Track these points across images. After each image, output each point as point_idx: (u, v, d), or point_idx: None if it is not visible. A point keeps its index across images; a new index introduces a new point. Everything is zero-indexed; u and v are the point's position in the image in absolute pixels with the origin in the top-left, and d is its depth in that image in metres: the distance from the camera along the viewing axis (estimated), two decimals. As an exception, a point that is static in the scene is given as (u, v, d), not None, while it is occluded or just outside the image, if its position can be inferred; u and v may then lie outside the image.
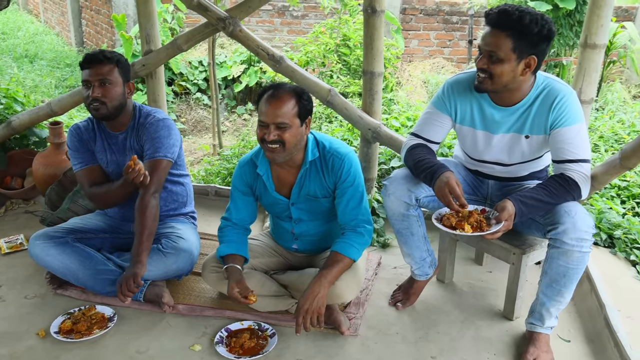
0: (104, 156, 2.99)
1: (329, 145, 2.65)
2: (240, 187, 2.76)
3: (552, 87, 2.45)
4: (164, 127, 2.92)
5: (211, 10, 3.63)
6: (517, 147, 2.57)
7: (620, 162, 2.48)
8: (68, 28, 11.50)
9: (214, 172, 5.02)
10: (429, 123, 2.67)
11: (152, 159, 2.86)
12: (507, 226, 2.30)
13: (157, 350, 2.56)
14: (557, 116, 2.41)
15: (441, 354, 2.56)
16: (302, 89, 2.55)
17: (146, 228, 2.74)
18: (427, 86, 8.09)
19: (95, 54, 2.82)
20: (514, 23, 2.29)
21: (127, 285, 2.61)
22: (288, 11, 9.25)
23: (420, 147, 2.62)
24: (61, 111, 4.12)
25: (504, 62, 2.34)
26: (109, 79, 2.80)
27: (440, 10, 9.03)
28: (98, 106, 2.80)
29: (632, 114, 5.92)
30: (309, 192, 2.67)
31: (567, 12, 5.90)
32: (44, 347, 2.57)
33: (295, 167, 2.66)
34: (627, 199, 3.98)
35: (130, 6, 8.84)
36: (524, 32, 2.29)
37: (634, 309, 2.91)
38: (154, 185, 2.81)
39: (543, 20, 2.30)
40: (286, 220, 2.80)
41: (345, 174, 2.61)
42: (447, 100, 2.63)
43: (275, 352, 2.53)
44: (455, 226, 2.37)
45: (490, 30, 2.37)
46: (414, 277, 2.90)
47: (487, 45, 2.36)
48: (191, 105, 7.96)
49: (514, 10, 2.30)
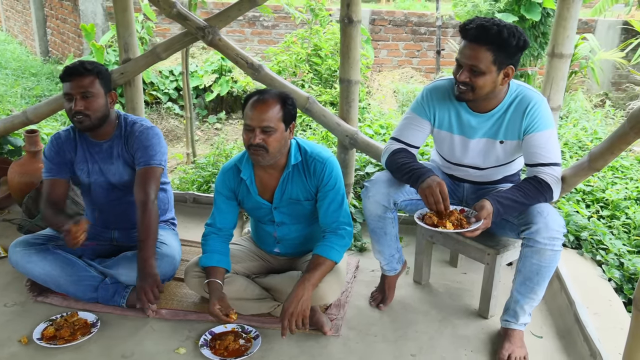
0: (85, 166, 2.99)
1: (310, 150, 2.73)
2: (224, 192, 2.82)
3: (524, 94, 2.56)
4: (155, 135, 2.95)
5: (190, 19, 3.68)
6: (492, 152, 2.68)
7: (589, 164, 2.60)
8: (32, 37, 11.37)
9: (189, 180, 5.05)
10: (409, 128, 2.75)
11: (147, 167, 2.89)
12: (486, 224, 2.40)
13: (141, 355, 2.58)
14: (530, 122, 2.53)
15: (420, 352, 2.65)
16: (287, 95, 2.62)
17: (151, 235, 2.78)
18: (396, 95, 8.23)
19: (75, 66, 2.80)
20: (494, 37, 2.38)
21: (151, 292, 2.67)
22: (259, 21, 9.32)
23: (403, 151, 2.71)
24: (37, 119, 4.13)
25: (486, 74, 2.44)
26: (91, 91, 2.79)
27: (408, 21, 9.19)
28: (82, 119, 2.80)
29: (594, 122, 6.13)
30: (291, 196, 2.74)
31: (533, 23, 6.08)
32: (27, 354, 2.57)
33: (278, 171, 2.73)
34: (591, 203, 4.14)
35: (98, 15, 8.81)
36: (503, 45, 2.38)
37: (601, 306, 3.04)
38: (152, 192, 2.86)
39: (518, 32, 2.41)
40: (268, 223, 2.86)
41: (327, 178, 2.69)
42: (426, 105, 2.72)
43: (259, 353, 2.58)
44: (437, 224, 2.45)
45: (468, 44, 2.44)
46: (384, 274, 3.00)
47: (468, 59, 2.44)
48: (162, 115, 7.95)
49: (492, 25, 2.38)
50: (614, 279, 3.32)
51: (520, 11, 6.00)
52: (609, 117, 6.96)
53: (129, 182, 2.98)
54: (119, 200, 3.04)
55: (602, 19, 8.93)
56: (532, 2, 5.94)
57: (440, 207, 2.42)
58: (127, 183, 2.99)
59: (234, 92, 8.07)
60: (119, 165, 2.96)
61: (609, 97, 8.66)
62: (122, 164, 2.96)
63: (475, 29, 2.40)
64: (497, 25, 2.38)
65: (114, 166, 2.95)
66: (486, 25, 2.39)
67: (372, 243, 2.93)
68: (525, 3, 5.95)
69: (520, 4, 6.00)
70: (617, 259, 3.46)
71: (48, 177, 2.98)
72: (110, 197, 3.03)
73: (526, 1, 5.95)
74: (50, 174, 2.98)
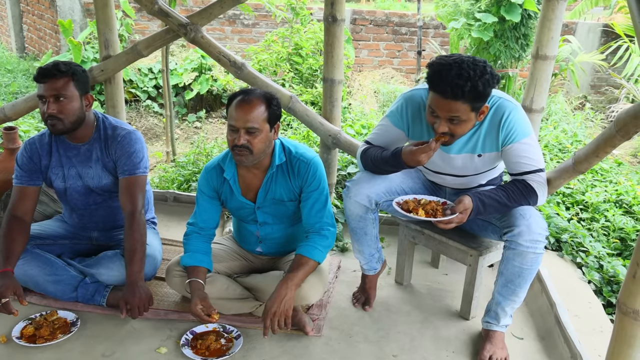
0: (60, 171, 2.92)
1: (295, 150, 2.72)
2: (207, 191, 2.80)
3: (498, 104, 2.51)
4: (137, 141, 2.89)
5: (172, 16, 3.65)
6: (470, 165, 2.67)
7: (574, 166, 2.62)
8: (8, 33, 11.21)
9: (169, 179, 5.01)
10: (383, 135, 2.75)
11: (132, 176, 2.84)
12: (461, 219, 2.41)
13: (122, 354, 2.56)
14: (507, 134, 2.49)
15: (402, 352, 2.65)
16: (272, 95, 2.60)
17: (140, 247, 2.73)
18: (377, 95, 8.25)
19: (48, 67, 2.70)
20: (470, 93, 2.29)
21: (142, 307, 2.64)
22: (239, 19, 9.27)
23: (374, 147, 2.73)
24: (15, 116, 4.06)
25: (466, 121, 2.39)
26: (64, 94, 2.69)
27: (389, 21, 9.21)
28: (54, 122, 2.71)
29: (575, 124, 6.20)
30: (274, 196, 2.73)
31: (513, 25, 6.10)
32: (6, 353, 2.54)
33: (262, 171, 2.71)
34: (571, 205, 4.19)
35: (76, 11, 8.71)
36: (479, 97, 2.32)
37: (581, 308, 3.07)
38: (140, 202, 2.82)
39: (489, 74, 2.31)
40: (251, 223, 2.85)
41: (311, 178, 2.68)
42: (401, 116, 2.69)
43: (241, 353, 2.57)
44: (410, 210, 2.46)
45: (442, 99, 2.34)
46: (363, 272, 3.00)
47: (447, 113, 2.36)
48: (141, 113, 7.89)
49: (466, 81, 2.26)
50: (594, 281, 3.36)
51: (501, 12, 6.02)
52: (589, 120, 7.04)
53: (107, 187, 2.94)
54: (97, 205, 3.00)
55: (582, 21, 9.01)
56: (513, 3, 5.95)
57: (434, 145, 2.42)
58: (105, 187, 2.94)
59: (214, 90, 8.03)
60: (98, 169, 2.90)
61: (588, 100, 8.76)
62: (101, 168, 2.89)
63: (451, 89, 2.28)
64: (470, 79, 2.26)
65: (92, 170, 2.89)
66: (460, 83, 2.26)
67: (352, 242, 2.93)
68: (506, 4, 5.97)
69: (501, 4, 6.02)
70: (597, 262, 3.50)
71: (17, 184, 2.87)
72: (88, 201, 2.98)
73: (507, 2, 5.97)
74: (19, 181, 2.87)
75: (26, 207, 2.85)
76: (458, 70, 2.27)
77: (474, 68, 2.28)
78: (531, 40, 6.14)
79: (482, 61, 2.33)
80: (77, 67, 2.78)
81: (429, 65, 2.38)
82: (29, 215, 2.85)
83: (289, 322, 2.53)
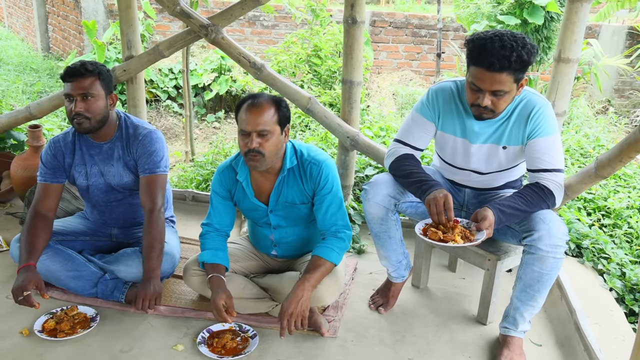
0: (83, 169, 2.96)
1: (307, 153, 2.71)
2: (220, 192, 2.81)
3: (528, 99, 2.53)
4: (158, 140, 2.93)
5: (193, 17, 3.67)
6: (494, 157, 2.66)
7: (596, 171, 2.59)
8: (34, 33, 11.38)
9: (187, 178, 5.03)
10: (413, 130, 2.73)
11: (153, 174, 2.88)
12: (489, 234, 2.39)
13: (140, 350, 2.58)
14: (533, 127, 2.50)
15: (418, 356, 2.64)
16: (280, 98, 2.61)
17: (158, 245, 2.79)
18: (395, 98, 8.22)
19: (76, 67, 2.75)
20: (516, 63, 2.31)
21: (149, 302, 2.69)
22: (259, 21, 9.31)
23: (410, 158, 2.68)
24: (40, 115, 4.14)
25: (509, 93, 2.40)
26: (91, 93, 2.75)
27: (409, 24, 9.18)
28: (81, 120, 2.76)
29: (597, 129, 6.12)
30: (287, 199, 2.73)
31: (535, 27, 6.04)
32: (28, 345, 2.59)
33: (274, 175, 2.71)
34: (592, 211, 4.13)
35: (100, 13, 8.80)
36: (523, 67, 2.34)
37: (602, 316, 3.03)
38: (160, 200, 2.86)
39: (531, 45, 2.34)
40: (265, 226, 2.86)
41: (323, 181, 2.67)
42: (431, 107, 2.69)
43: (256, 352, 2.57)
44: (444, 239, 2.42)
45: (487, 72, 2.35)
46: (390, 280, 2.98)
47: (491, 86, 2.37)
48: (161, 113, 7.94)
49: (510, 52, 2.29)
50: (616, 288, 3.30)
51: (523, 14, 5.95)
52: (612, 124, 6.94)
53: (128, 185, 2.98)
54: (118, 202, 3.04)
55: (606, 24, 8.88)
56: (536, 5, 5.89)
57: (442, 219, 2.40)
58: (126, 185, 2.98)
59: (233, 91, 8.07)
60: (119, 167, 2.94)
61: (612, 104, 8.64)
62: (122, 167, 2.94)
63: (497, 59, 2.30)
64: (514, 50, 2.29)
65: (114, 168, 2.93)
66: (505, 54, 2.29)
67: (377, 249, 2.90)
68: (529, 6, 5.90)
69: (524, 7, 5.96)
70: (619, 269, 3.44)
71: (42, 181, 2.94)
72: (109, 198, 3.02)
73: (529, 4, 5.90)
74: (43, 178, 2.93)
75: (50, 204, 2.90)
76: (501, 43, 2.31)
77: (515, 40, 2.32)
78: (553, 43, 6.09)
79: (519, 33, 2.37)
80: (102, 67, 2.83)
81: (468, 42, 2.41)
82: (52, 212, 2.90)
83: (305, 323, 2.53)
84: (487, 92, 2.39)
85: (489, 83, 2.37)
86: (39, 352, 2.54)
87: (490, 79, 2.36)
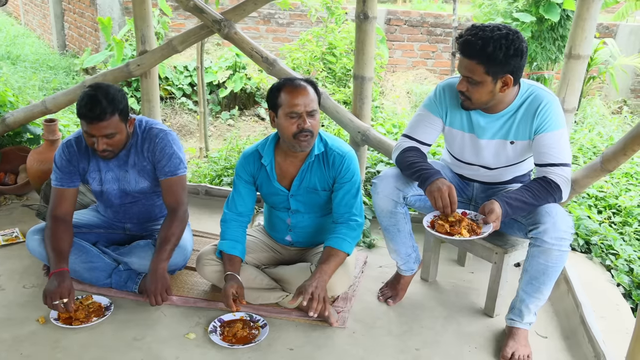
0: (98, 175, 2.97)
1: (331, 143, 2.79)
2: (244, 176, 2.88)
3: (536, 94, 2.56)
4: (174, 142, 2.93)
5: (207, 12, 3.73)
6: (502, 152, 2.69)
7: (602, 165, 2.60)
8: (50, 31, 11.50)
9: (201, 173, 5.09)
10: (421, 125, 2.77)
11: (175, 176, 2.92)
12: (496, 227, 2.43)
13: (153, 338, 2.64)
14: (540, 122, 2.53)
15: (425, 346, 2.67)
16: (313, 80, 2.70)
17: (172, 241, 2.84)
18: (410, 96, 8.24)
19: (94, 109, 2.63)
20: (479, 52, 2.38)
21: (161, 295, 2.75)
22: (274, 18, 9.36)
23: (414, 150, 2.73)
24: (55, 109, 4.21)
25: (481, 84, 2.46)
26: (113, 132, 2.73)
27: (424, 22, 9.19)
28: (106, 155, 2.79)
29: (611, 128, 6.09)
30: (309, 185, 2.80)
31: (551, 25, 6.01)
32: (45, 332, 2.66)
33: (300, 160, 2.79)
34: (603, 209, 4.13)
35: (115, 10, 8.89)
36: (490, 58, 2.38)
37: (608, 310, 3.05)
38: (184, 199, 2.94)
39: (508, 41, 2.37)
40: (283, 210, 2.92)
41: (344, 171, 2.75)
42: (439, 103, 2.74)
43: (266, 341, 2.63)
44: (451, 232, 2.47)
45: (460, 56, 2.49)
46: (400, 273, 3.01)
47: (463, 71, 2.49)
48: (176, 110, 8.02)
49: (477, 40, 2.37)
50: (623, 284, 3.31)
51: (540, 11, 5.92)
52: (627, 124, 6.91)
53: (143, 190, 3.01)
54: (132, 203, 3.08)
55: (624, 23, 8.83)
56: (552, 2, 5.84)
57: (448, 211, 2.45)
58: (142, 190, 3.01)
59: (248, 88, 8.12)
60: (134, 173, 2.96)
61: (628, 104, 8.59)
62: (137, 173, 2.95)
63: (462, 44, 2.44)
64: (482, 38, 2.37)
65: (129, 174, 2.96)
66: (471, 40, 2.39)
67: (387, 243, 2.94)
68: (545, 3, 5.87)
69: (540, 4, 5.93)
70: (627, 265, 3.45)
71: (57, 186, 2.93)
72: (124, 201, 3.06)
73: (546, 1, 5.87)
74: (59, 183, 2.93)
75: (66, 208, 2.93)
76: (476, 31, 2.41)
77: (494, 31, 2.39)
78: (568, 42, 6.07)
79: (509, 29, 2.42)
80: (117, 97, 2.71)
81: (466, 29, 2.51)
82: (70, 215, 2.95)
83: (327, 302, 2.62)
84: (463, 78, 2.50)
85: (463, 67, 2.49)
86: (55, 339, 2.61)
87: (462, 63, 2.48)
